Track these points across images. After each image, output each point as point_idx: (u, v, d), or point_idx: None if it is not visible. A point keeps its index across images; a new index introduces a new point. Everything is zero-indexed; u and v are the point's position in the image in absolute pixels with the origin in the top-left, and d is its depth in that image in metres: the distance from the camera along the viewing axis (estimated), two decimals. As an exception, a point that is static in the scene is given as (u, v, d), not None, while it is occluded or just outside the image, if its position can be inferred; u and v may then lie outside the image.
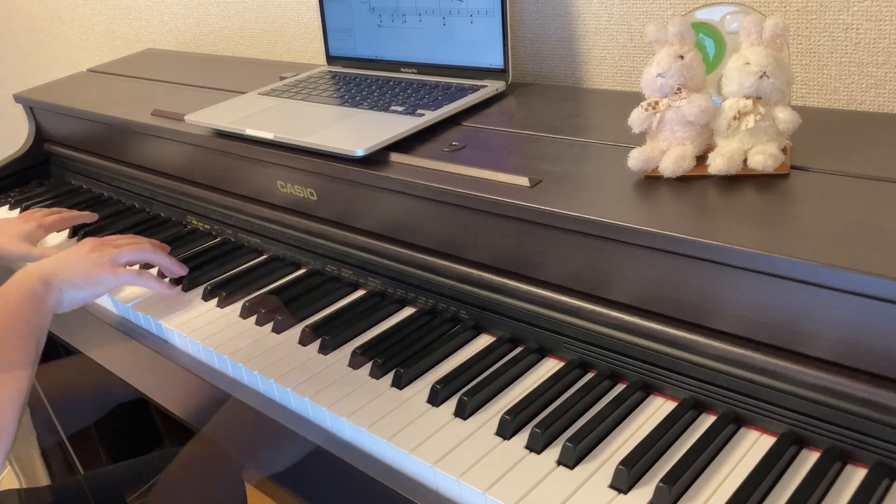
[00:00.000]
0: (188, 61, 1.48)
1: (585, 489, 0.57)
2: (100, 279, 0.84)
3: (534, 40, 1.08)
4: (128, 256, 0.88)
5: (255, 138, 0.94)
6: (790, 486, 0.55)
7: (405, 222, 0.82)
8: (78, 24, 1.98)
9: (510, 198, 0.71)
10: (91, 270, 0.84)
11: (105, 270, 0.85)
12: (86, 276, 0.83)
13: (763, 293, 0.58)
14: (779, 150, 0.67)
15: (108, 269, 0.85)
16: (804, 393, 0.57)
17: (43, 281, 0.79)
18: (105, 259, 0.86)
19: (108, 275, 0.85)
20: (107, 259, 0.86)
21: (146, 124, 1.10)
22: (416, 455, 0.62)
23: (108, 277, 0.85)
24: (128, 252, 0.88)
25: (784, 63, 0.66)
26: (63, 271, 0.82)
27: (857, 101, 0.85)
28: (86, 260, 0.85)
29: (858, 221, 0.58)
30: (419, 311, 0.82)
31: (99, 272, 0.84)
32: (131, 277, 0.86)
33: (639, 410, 0.65)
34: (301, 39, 1.43)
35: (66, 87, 1.40)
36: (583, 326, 0.69)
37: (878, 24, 0.80)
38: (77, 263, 0.84)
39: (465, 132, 0.89)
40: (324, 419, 0.70)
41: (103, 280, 0.85)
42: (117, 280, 0.86)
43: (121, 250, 0.88)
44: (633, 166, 0.71)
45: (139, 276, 0.87)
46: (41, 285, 0.78)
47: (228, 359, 0.78)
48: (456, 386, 0.69)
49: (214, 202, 1.05)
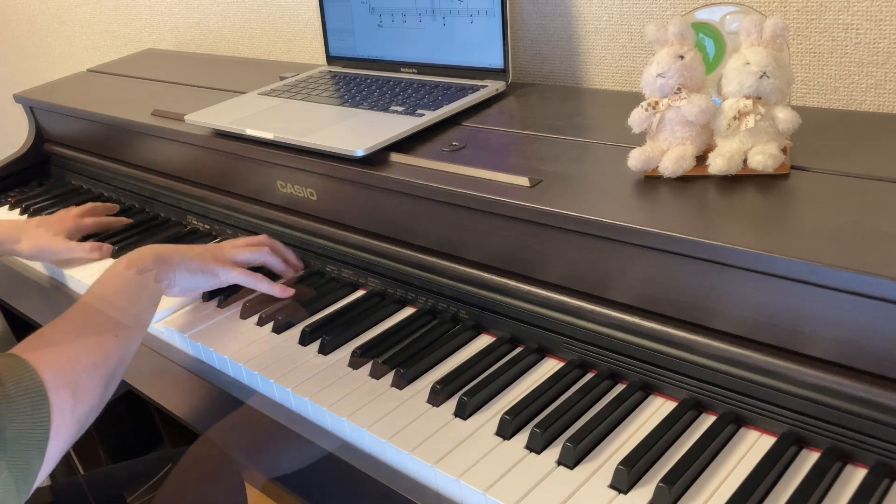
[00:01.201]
0: (188, 61, 1.48)
1: (585, 489, 0.57)
2: (215, 270, 0.85)
3: (534, 40, 1.08)
4: (244, 257, 0.89)
5: (255, 138, 0.94)
6: (790, 486, 0.55)
7: (405, 222, 0.82)
8: (78, 24, 1.98)
9: (510, 198, 0.71)
10: (208, 260, 0.85)
11: (221, 264, 0.86)
12: (201, 263, 0.84)
13: (763, 293, 0.58)
14: (779, 150, 0.67)
15: (223, 263, 0.86)
16: (804, 393, 0.57)
17: (159, 258, 0.80)
18: (223, 254, 0.87)
19: (223, 269, 0.86)
20: (225, 255, 0.87)
21: (146, 124, 1.10)
22: (416, 455, 0.62)
23: (223, 271, 0.86)
24: (243, 253, 0.89)
25: (784, 63, 0.66)
26: (180, 255, 0.83)
27: (857, 101, 0.85)
28: (205, 251, 0.86)
29: (858, 221, 0.58)
30: (419, 311, 0.82)
31: (215, 264, 0.85)
32: (244, 277, 0.87)
33: (639, 410, 0.65)
34: (301, 39, 1.43)
35: (66, 87, 1.40)
36: (583, 326, 0.69)
37: (878, 24, 0.80)
38: (195, 253, 0.85)
39: (465, 132, 0.89)
40: (324, 419, 0.70)
41: (217, 272, 0.86)
42: (230, 276, 0.87)
43: (239, 250, 0.89)
44: (633, 166, 0.71)
45: (251, 277, 0.88)
46: (155, 261, 0.79)
47: (229, 359, 0.78)
48: (456, 386, 0.69)
49: (214, 202, 1.05)
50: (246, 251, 0.89)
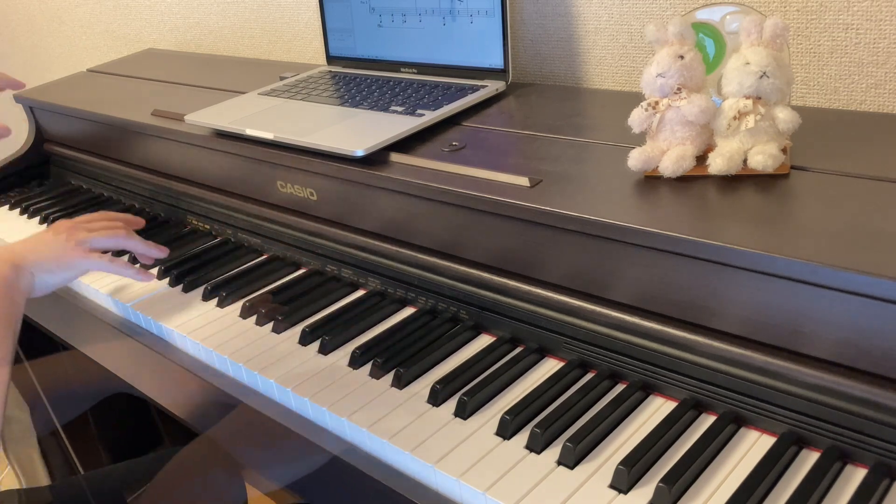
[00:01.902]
0: (188, 61, 1.48)
1: (585, 489, 0.57)
2: (72, 263, 0.82)
3: (534, 40, 1.08)
4: (101, 243, 0.86)
5: (255, 138, 0.94)
6: (790, 486, 0.55)
7: (405, 222, 0.82)
8: (78, 24, 1.98)
9: (510, 198, 0.71)
10: (63, 254, 0.82)
11: (78, 254, 0.83)
12: (58, 259, 0.81)
13: (763, 293, 0.58)
14: (779, 150, 0.67)
15: (80, 253, 0.83)
16: (804, 393, 0.57)
17: (13, 266, 0.77)
18: (79, 242, 0.84)
19: (81, 259, 0.83)
20: (80, 243, 0.84)
21: (146, 124, 1.10)
22: (416, 455, 0.62)
23: (81, 261, 0.83)
24: (101, 238, 0.86)
25: (784, 63, 0.66)
26: (34, 255, 0.80)
27: (857, 101, 0.85)
28: (57, 244, 0.83)
29: (858, 221, 0.58)
30: (419, 311, 0.82)
31: (71, 256, 0.82)
32: (104, 264, 0.84)
33: (639, 410, 0.65)
34: (301, 39, 1.43)
35: (66, 87, 1.40)
36: (583, 326, 0.69)
37: (878, 24, 0.80)
38: (48, 247, 0.82)
39: (465, 132, 0.89)
40: (324, 419, 0.70)
41: (76, 264, 0.83)
42: (90, 264, 0.84)
43: (94, 235, 0.85)
44: (633, 166, 0.71)
45: (112, 264, 0.85)
46: (11, 270, 0.77)
47: (228, 359, 0.78)
48: (456, 386, 0.69)
49: (214, 202, 1.05)
50: (102, 236, 0.85)
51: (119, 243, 0.87)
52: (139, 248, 0.89)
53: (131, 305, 0.91)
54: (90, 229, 0.86)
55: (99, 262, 0.84)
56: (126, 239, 0.88)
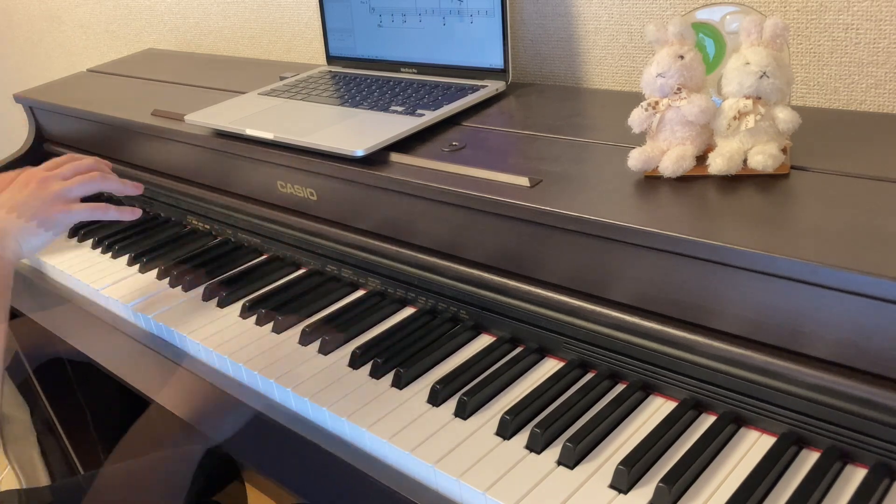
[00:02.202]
0: (188, 61, 1.48)
1: (585, 489, 0.57)
2: (55, 220, 0.79)
3: (534, 40, 1.08)
4: (79, 190, 0.82)
5: (255, 138, 0.94)
6: (790, 486, 0.55)
7: (405, 222, 0.82)
8: (78, 24, 1.98)
9: (510, 198, 0.71)
10: (44, 211, 0.79)
11: (58, 209, 0.80)
12: (40, 219, 0.78)
13: (763, 293, 0.58)
14: (779, 150, 0.67)
15: (60, 206, 0.80)
16: (804, 393, 0.57)
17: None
18: (56, 195, 0.80)
19: (63, 213, 0.80)
20: (58, 195, 0.80)
21: (146, 124, 1.10)
22: (416, 455, 0.62)
23: (63, 216, 0.80)
24: (78, 186, 0.82)
25: (784, 63, 0.66)
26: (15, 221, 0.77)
27: (857, 101, 0.85)
28: (35, 201, 0.79)
29: (858, 221, 0.58)
30: (419, 311, 0.82)
31: (52, 212, 0.79)
32: (88, 212, 0.81)
33: (639, 410, 0.65)
34: (301, 39, 1.43)
35: (66, 87, 1.40)
36: (583, 326, 0.69)
37: (878, 24, 0.80)
38: (27, 208, 0.78)
39: (465, 132, 0.89)
40: (324, 419, 0.70)
41: (60, 220, 0.80)
42: (73, 217, 0.81)
43: (70, 184, 0.82)
44: (633, 166, 0.71)
45: (96, 210, 0.82)
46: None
47: (228, 359, 0.78)
48: (456, 386, 0.69)
49: (214, 202, 1.05)
50: (79, 183, 0.82)
51: (97, 186, 0.84)
52: (117, 187, 0.86)
53: (131, 307, 0.91)
54: (63, 177, 0.83)
55: (82, 212, 0.81)
56: (102, 181, 0.84)
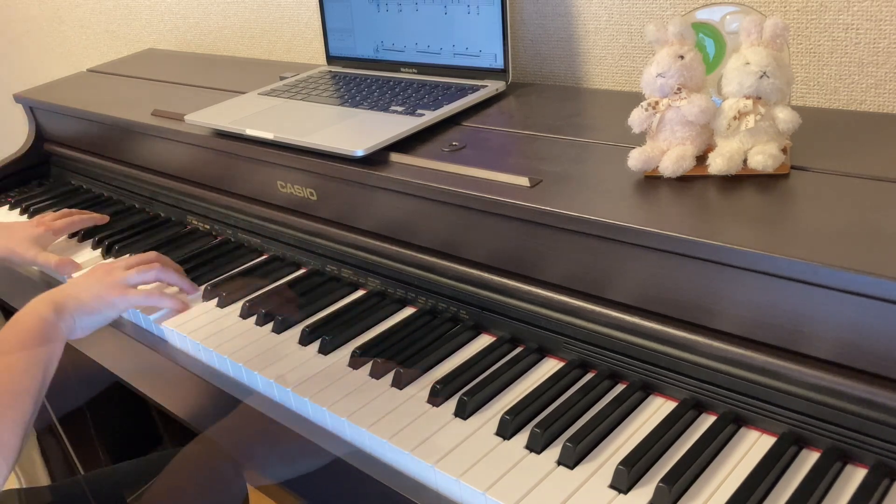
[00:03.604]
0: (188, 61, 1.48)
1: (585, 489, 0.57)
2: (111, 302, 0.85)
3: (534, 40, 1.08)
4: (138, 278, 0.89)
5: (255, 138, 0.94)
6: (790, 486, 0.55)
7: (405, 222, 0.82)
8: (78, 24, 1.98)
9: (510, 198, 0.71)
10: (103, 294, 0.85)
11: (116, 293, 0.86)
12: (98, 300, 0.84)
13: (763, 293, 0.58)
14: (779, 150, 0.67)
15: (118, 291, 0.86)
16: (804, 393, 0.57)
17: (56, 308, 0.80)
18: (116, 282, 0.87)
19: (119, 297, 0.86)
20: (118, 282, 0.87)
21: (146, 124, 1.10)
22: (416, 455, 0.62)
23: (120, 300, 0.86)
24: (138, 275, 0.89)
25: (784, 63, 0.66)
26: (75, 298, 0.83)
27: (857, 101, 0.85)
28: (97, 285, 0.86)
29: (858, 221, 0.58)
30: (419, 311, 0.82)
31: (110, 295, 0.85)
32: (142, 298, 0.87)
33: (639, 410, 0.65)
34: (301, 39, 1.43)
35: (66, 87, 1.40)
36: (583, 326, 0.69)
37: (878, 24, 0.80)
38: (88, 289, 0.85)
39: (465, 132, 0.89)
40: (324, 419, 0.70)
41: (115, 303, 0.86)
42: (128, 302, 0.87)
43: (130, 273, 0.89)
44: (633, 166, 0.71)
45: (150, 297, 0.88)
46: (53, 313, 0.79)
47: (228, 359, 0.78)
48: (456, 386, 0.69)
49: (214, 202, 1.05)
50: (138, 273, 0.89)
51: (154, 276, 0.90)
52: (174, 281, 0.92)
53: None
54: (126, 266, 0.90)
55: (137, 297, 0.87)
56: (161, 272, 0.91)
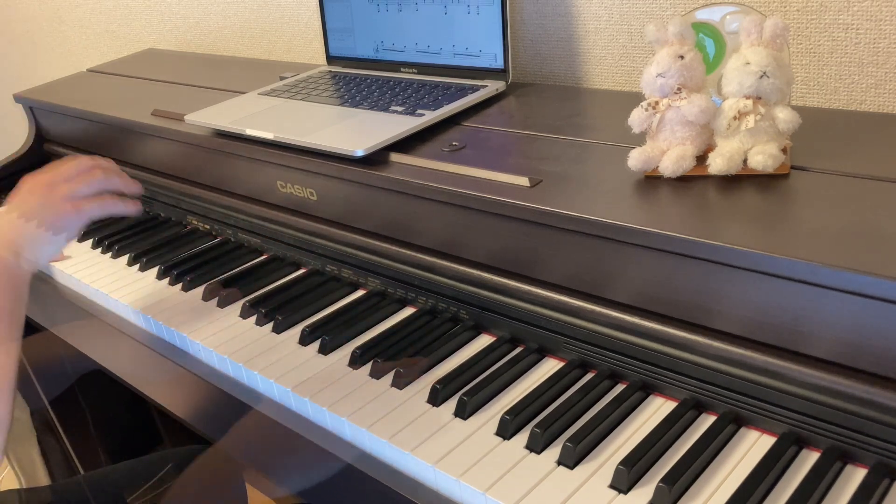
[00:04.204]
0: (188, 61, 1.48)
1: (585, 489, 0.57)
2: (66, 223, 0.80)
3: (534, 40, 1.08)
4: (84, 190, 0.83)
5: (255, 138, 0.94)
6: (790, 486, 0.55)
7: (405, 222, 0.82)
8: (78, 24, 1.98)
9: (510, 198, 0.71)
10: (56, 218, 0.79)
11: (68, 211, 0.80)
12: (53, 225, 0.79)
13: (763, 293, 0.58)
14: (779, 150, 0.67)
15: (70, 209, 0.80)
16: (804, 393, 0.57)
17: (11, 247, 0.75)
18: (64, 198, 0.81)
19: (73, 216, 0.80)
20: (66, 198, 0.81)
21: (146, 124, 1.10)
22: (416, 455, 0.62)
23: (73, 218, 0.80)
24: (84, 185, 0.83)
25: (784, 63, 0.66)
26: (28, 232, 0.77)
27: (857, 101, 0.85)
28: (45, 208, 0.79)
29: (858, 221, 0.58)
30: (419, 311, 0.82)
31: (64, 217, 0.80)
32: (97, 209, 0.82)
33: (639, 410, 0.65)
34: (301, 39, 1.43)
35: (66, 87, 1.40)
36: (583, 326, 0.69)
37: (878, 24, 0.80)
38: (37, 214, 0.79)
39: (465, 132, 0.89)
40: (324, 419, 0.70)
41: (69, 223, 0.80)
42: (85, 217, 0.81)
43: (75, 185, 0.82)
44: (633, 166, 0.71)
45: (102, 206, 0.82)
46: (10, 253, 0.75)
47: (228, 359, 0.78)
48: (456, 386, 0.69)
49: (214, 202, 1.05)
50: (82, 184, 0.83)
51: (101, 184, 0.85)
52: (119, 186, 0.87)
53: (131, 306, 0.91)
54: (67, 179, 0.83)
55: (91, 210, 0.81)
56: (105, 180, 0.85)
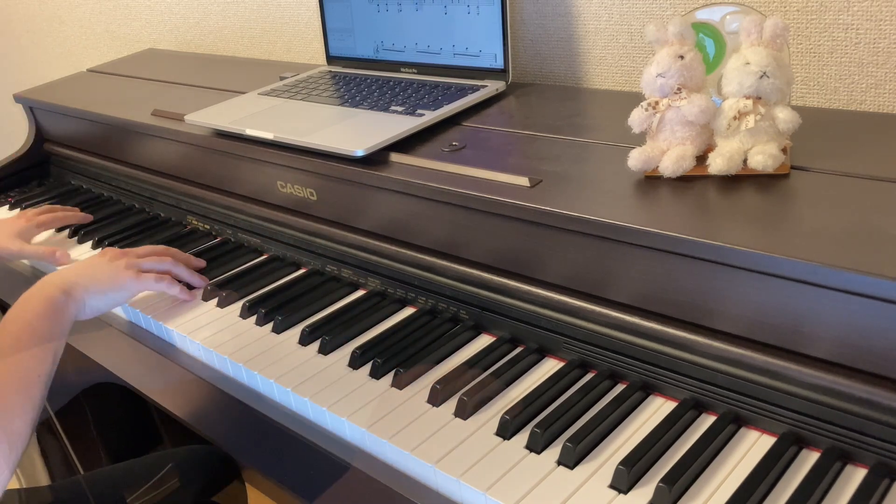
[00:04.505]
0: (188, 61, 1.48)
1: (585, 489, 0.57)
2: (122, 284, 0.85)
3: (534, 40, 1.08)
4: (150, 265, 0.89)
5: (255, 138, 0.94)
6: (790, 486, 0.55)
7: (405, 222, 0.82)
8: (78, 24, 1.98)
9: (510, 198, 0.71)
10: (113, 276, 0.85)
11: (127, 276, 0.86)
12: (109, 282, 0.84)
13: (763, 293, 0.58)
14: (779, 150, 0.67)
15: (130, 274, 0.86)
16: (804, 393, 0.57)
17: (63, 289, 0.80)
18: (128, 265, 0.87)
19: (131, 280, 0.86)
20: (130, 265, 0.87)
21: (146, 124, 1.10)
22: (416, 455, 0.62)
23: (131, 282, 0.86)
24: (151, 263, 0.89)
25: (784, 63, 0.66)
26: (84, 279, 0.82)
27: (857, 101, 0.85)
28: (108, 267, 0.86)
29: (858, 221, 0.58)
30: (419, 311, 0.82)
31: (121, 277, 0.85)
32: (153, 283, 0.87)
33: (639, 410, 0.65)
34: (301, 39, 1.43)
35: (66, 87, 1.40)
36: (583, 326, 0.69)
37: (878, 24, 0.80)
38: (99, 270, 0.85)
39: (465, 132, 0.89)
40: (324, 419, 0.70)
41: (125, 285, 0.86)
42: (139, 285, 0.87)
43: (144, 261, 0.89)
44: (633, 166, 0.71)
45: (160, 282, 0.88)
46: (61, 294, 0.79)
47: (228, 359, 0.78)
48: (456, 386, 0.69)
49: (214, 202, 1.05)
50: (151, 261, 0.89)
51: (166, 267, 0.91)
52: (185, 276, 0.92)
53: (131, 306, 0.91)
54: (138, 254, 0.90)
55: (148, 282, 0.87)
56: (173, 266, 0.91)
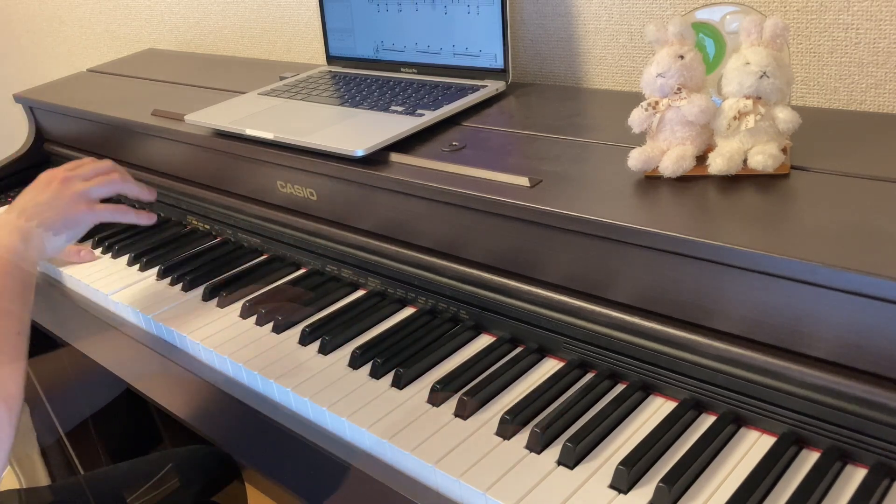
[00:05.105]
0: (188, 61, 1.48)
1: (585, 489, 0.57)
2: (78, 219, 0.81)
3: (534, 40, 1.08)
4: (100, 191, 0.84)
5: (255, 138, 0.94)
6: (790, 486, 0.55)
7: (405, 222, 0.82)
8: (78, 24, 1.98)
9: (510, 198, 0.71)
10: (67, 213, 0.80)
11: (82, 208, 0.81)
12: (64, 218, 0.80)
13: (763, 293, 0.58)
14: (779, 150, 0.67)
15: (84, 206, 0.81)
16: (804, 393, 0.57)
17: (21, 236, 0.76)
18: (79, 196, 0.82)
19: (86, 212, 0.81)
20: (81, 196, 0.82)
21: (146, 124, 1.10)
22: (416, 455, 0.62)
23: (85, 215, 0.81)
24: (100, 187, 0.84)
25: (784, 63, 0.66)
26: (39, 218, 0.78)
27: (857, 101, 0.85)
28: (60, 203, 0.81)
29: (858, 221, 0.58)
30: (419, 311, 0.82)
31: (76, 212, 0.81)
32: (109, 213, 0.83)
33: (639, 410, 0.65)
34: (301, 39, 1.43)
35: (66, 87, 1.40)
36: (583, 326, 0.69)
37: (878, 24, 0.80)
38: (51, 207, 0.80)
39: (465, 132, 0.89)
40: (324, 419, 0.70)
41: (82, 219, 0.81)
42: (96, 217, 0.82)
43: (91, 184, 0.84)
44: (633, 166, 0.71)
45: (116, 211, 0.84)
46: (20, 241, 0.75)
47: (229, 359, 0.78)
48: (456, 386, 0.69)
49: (214, 202, 1.05)
50: (101, 184, 0.84)
51: (117, 188, 0.86)
52: (135, 191, 0.88)
53: (131, 306, 0.91)
54: (84, 178, 0.84)
55: (103, 213, 0.83)
56: (122, 183, 0.86)
